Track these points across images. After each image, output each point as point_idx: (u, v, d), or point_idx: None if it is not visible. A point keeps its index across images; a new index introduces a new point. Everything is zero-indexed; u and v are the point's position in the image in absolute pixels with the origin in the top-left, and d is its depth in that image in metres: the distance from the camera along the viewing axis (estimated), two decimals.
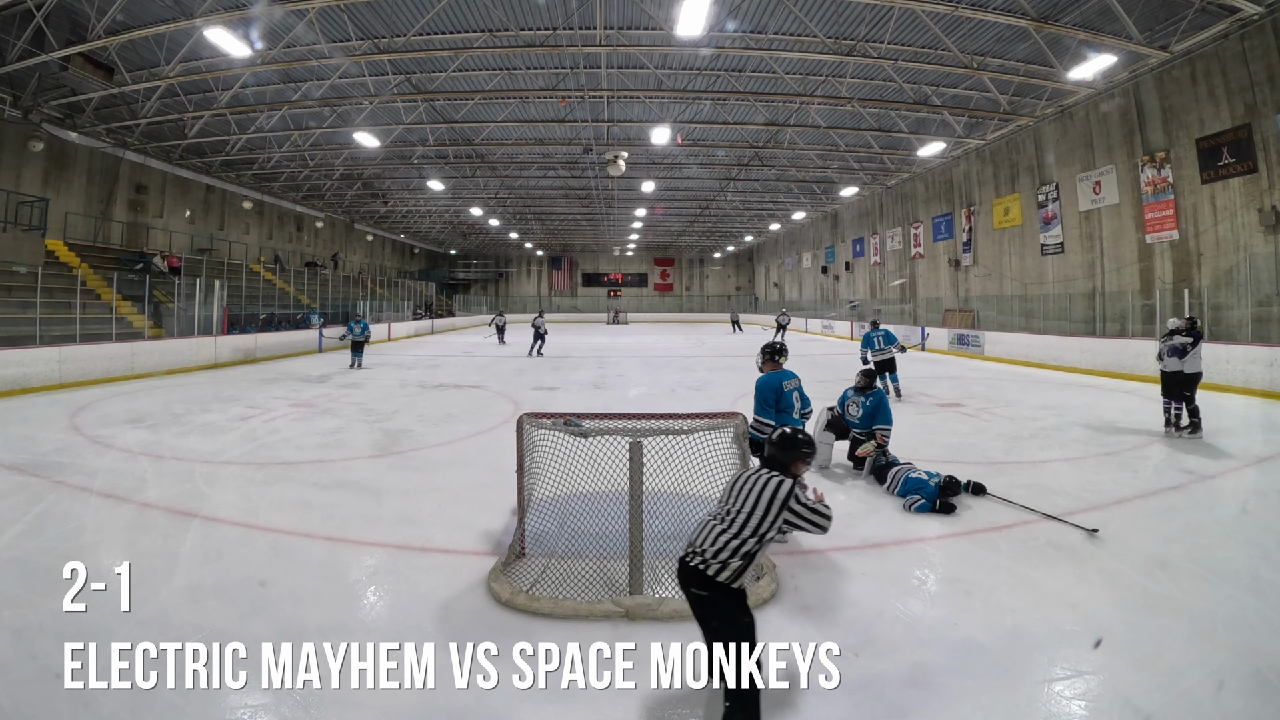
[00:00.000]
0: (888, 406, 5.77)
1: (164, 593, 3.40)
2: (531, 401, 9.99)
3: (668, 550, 3.67)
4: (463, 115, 18.03)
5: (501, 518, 4.55)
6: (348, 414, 8.87)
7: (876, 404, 5.73)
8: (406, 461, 6.32)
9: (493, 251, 49.06)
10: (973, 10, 11.18)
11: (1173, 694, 2.54)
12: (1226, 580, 3.49)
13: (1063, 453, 6.40)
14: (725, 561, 2.26)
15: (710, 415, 3.85)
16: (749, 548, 2.28)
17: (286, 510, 4.76)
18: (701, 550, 2.30)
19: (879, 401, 5.75)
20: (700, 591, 2.27)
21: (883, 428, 5.61)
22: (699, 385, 12.04)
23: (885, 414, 5.68)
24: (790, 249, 39.07)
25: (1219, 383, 10.35)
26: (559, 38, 13.02)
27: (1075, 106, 15.21)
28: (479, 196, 28.74)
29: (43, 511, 4.64)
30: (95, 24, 11.17)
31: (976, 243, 20.06)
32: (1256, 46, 10.95)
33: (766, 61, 14.34)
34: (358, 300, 28.03)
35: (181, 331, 15.54)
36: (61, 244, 16.68)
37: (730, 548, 2.27)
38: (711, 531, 2.34)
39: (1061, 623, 3.08)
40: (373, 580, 3.71)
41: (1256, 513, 4.75)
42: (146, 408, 9.15)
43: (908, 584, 3.62)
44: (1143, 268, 13.83)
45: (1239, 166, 11.48)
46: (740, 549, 2.27)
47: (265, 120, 17.51)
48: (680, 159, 22.58)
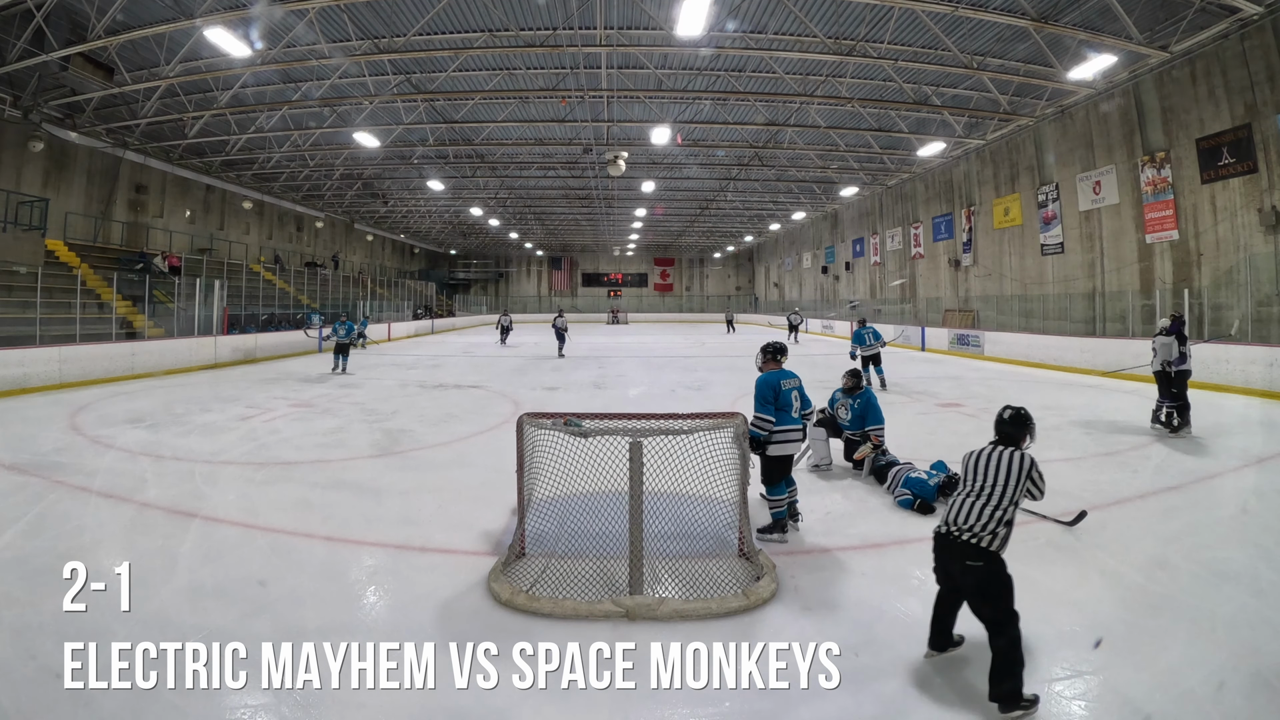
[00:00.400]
0: (877, 405, 5.79)
1: (164, 593, 3.40)
2: (531, 401, 9.99)
3: (668, 550, 3.68)
4: (463, 115, 18.04)
5: (501, 518, 4.55)
6: (348, 414, 8.87)
7: (865, 404, 5.76)
8: (406, 461, 6.32)
9: (493, 251, 49.07)
10: (973, 10, 11.18)
11: (1173, 694, 2.54)
12: (1226, 580, 3.49)
13: (1063, 453, 6.40)
14: (994, 532, 2.54)
15: (710, 415, 3.85)
16: (1009, 516, 2.57)
17: (286, 510, 4.76)
18: (970, 527, 2.56)
19: (867, 401, 5.78)
20: (976, 562, 2.53)
21: (875, 428, 5.63)
22: (699, 385, 12.04)
23: (876, 413, 5.71)
24: (790, 249, 39.07)
25: (1218, 383, 10.35)
26: (559, 38, 13.02)
27: (1075, 106, 15.21)
28: (479, 196, 28.74)
29: (43, 511, 4.64)
30: (95, 24, 11.16)
31: (976, 243, 20.06)
32: (1256, 46, 10.95)
33: (766, 61, 14.34)
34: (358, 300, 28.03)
35: (181, 331, 15.53)
36: (61, 244, 16.68)
37: (996, 519, 2.55)
38: (972, 509, 2.60)
39: (1061, 623, 3.08)
40: (373, 580, 3.71)
41: (1256, 513, 4.75)
42: (146, 408, 9.15)
43: (908, 584, 3.62)
44: (1143, 268, 13.83)
45: (1239, 166, 11.48)
46: (1003, 518, 2.56)
47: (265, 120, 17.51)
48: (680, 159, 22.58)
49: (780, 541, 4.16)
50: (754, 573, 3.56)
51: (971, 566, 2.55)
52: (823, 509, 4.81)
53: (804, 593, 3.43)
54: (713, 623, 3.12)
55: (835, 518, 4.65)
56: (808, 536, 4.27)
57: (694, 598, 3.29)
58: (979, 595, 2.56)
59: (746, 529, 3.77)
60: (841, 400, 5.91)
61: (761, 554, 3.74)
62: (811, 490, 5.22)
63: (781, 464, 4.24)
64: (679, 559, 3.67)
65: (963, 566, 2.58)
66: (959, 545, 2.58)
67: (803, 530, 4.36)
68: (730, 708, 2.52)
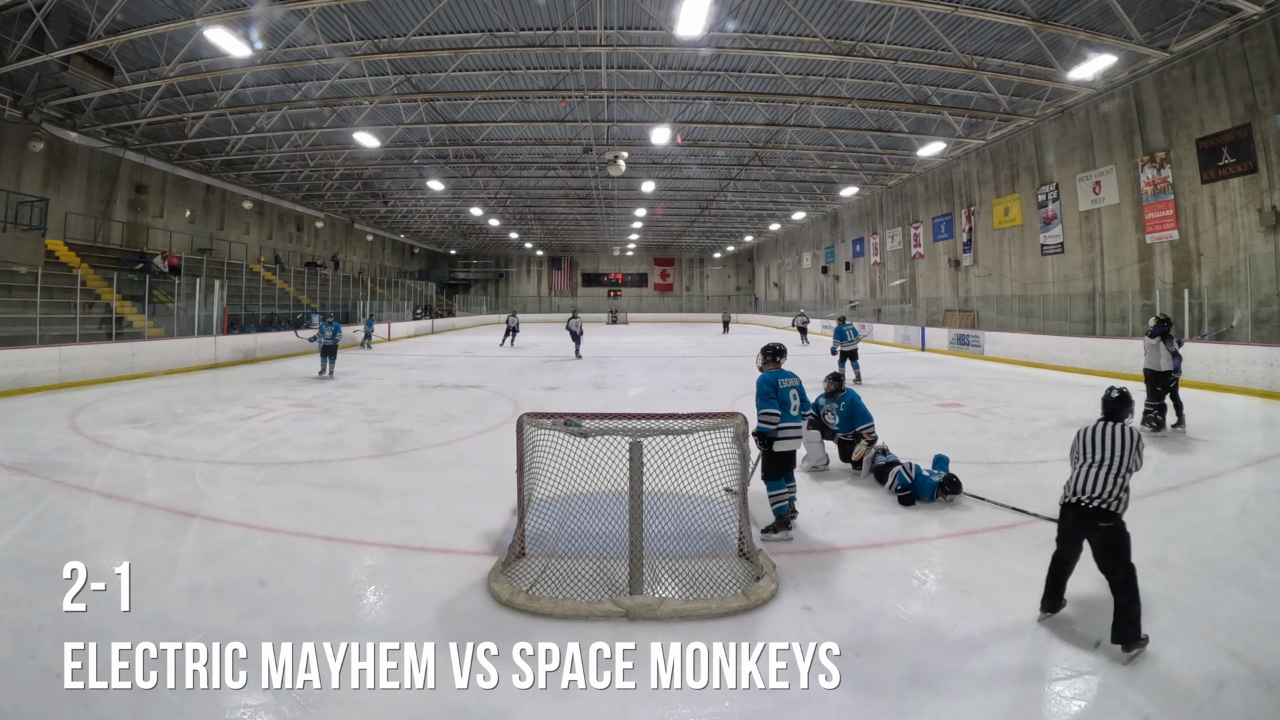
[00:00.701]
0: (862, 405, 5.82)
1: (164, 593, 3.40)
2: (531, 401, 9.99)
3: (668, 550, 3.68)
4: (463, 115, 18.04)
5: (501, 518, 4.55)
6: (348, 414, 8.87)
7: (850, 406, 5.79)
8: (406, 461, 6.32)
9: (493, 251, 49.07)
10: (973, 10, 11.18)
11: (1173, 694, 2.54)
12: (1226, 580, 3.49)
13: (1063, 453, 6.34)
14: (1119, 496, 2.92)
15: (710, 415, 3.85)
16: (1126, 481, 2.97)
17: (286, 510, 4.76)
18: (1101, 494, 2.92)
19: (851, 403, 5.80)
20: (1107, 524, 2.91)
21: (865, 426, 5.67)
22: (699, 385, 12.04)
23: (863, 413, 5.74)
24: (790, 249, 39.07)
25: (1219, 383, 10.35)
26: (559, 38, 13.02)
27: (1075, 106, 15.21)
28: (479, 196, 28.74)
29: (43, 511, 4.64)
30: (95, 24, 11.16)
31: (976, 243, 20.06)
32: (1256, 46, 10.95)
33: (766, 61, 14.34)
34: (358, 300, 28.04)
35: (181, 331, 15.53)
36: (61, 244, 16.68)
37: (1119, 484, 2.94)
38: (1098, 478, 2.96)
39: (1061, 623, 3.08)
40: (373, 580, 3.71)
41: (1256, 513, 4.75)
42: (146, 408, 9.14)
43: (908, 584, 3.62)
44: (1143, 268, 13.83)
45: (1239, 166, 11.47)
46: (1124, 484, 2.96)
47: (265, 120, 17.51)
48: (680, 159, 22.58)
49: (785, 540, 4.17)
50: (754, 573, 3.56)
51: (1104, 528, 2.91)
52: (823, 509, 4.81)
53: (804, 593, 3.43)
54: (713, 623, 3.12)
55: (835, 517, 4.65)
56: (808, 536, 4.27)
57: (694, 598, 3.28)
58: (1109, 552, 2.90)
59: (746, 529, 3.77)
60: (826, 405, 5.93)
61: (761, 554, 3.74)
62: (812, 490, 5.22)
63: (784, 460, 4.31)
64: (679, 559, 3.67)
65: (1095, 528, 2.93)
66: (1089, 511, 2.93)
67: (803, 530, 4.36)
68: (730, 708, 2.52)
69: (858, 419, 5.72)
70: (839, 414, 5.83)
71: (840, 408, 5.83)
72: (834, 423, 5.85)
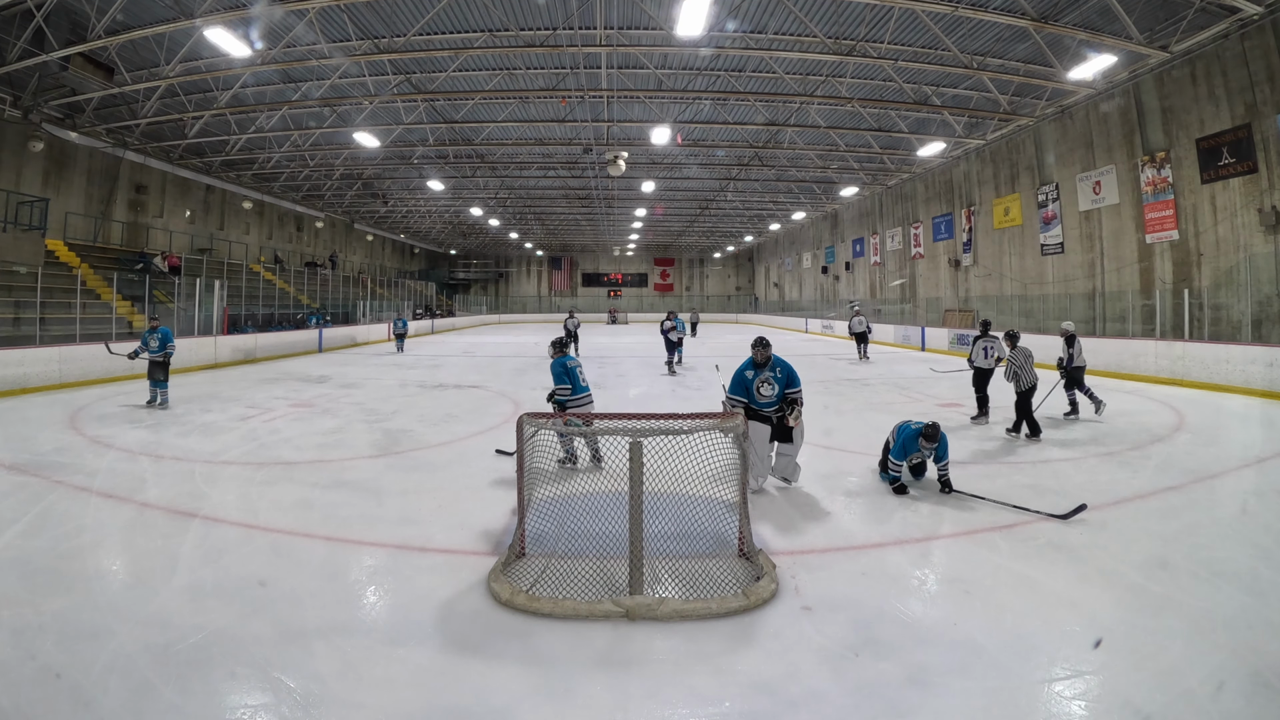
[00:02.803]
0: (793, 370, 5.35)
1: (164, 593, 3.39)
2: (531, 401, 9.98)
3: (668, 550, 3.68)
4: (463, 115, 18.04)
5: (501, 518, 4.55)
6: (348, 414, 8.87)
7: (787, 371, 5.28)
8: (406, 461, 6.32)
9: (493, 251, 49.08)
10: (973, 10, 11.18)
11: (1173, 694, 2.54)
12: (1226, 580, 3.49)
13: (1063, 452, 6.40)
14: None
15: (710, 415, 3.85)
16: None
17: (286, 510, 4.76)
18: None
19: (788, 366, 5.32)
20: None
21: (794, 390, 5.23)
22: (699, 385, 12.03)
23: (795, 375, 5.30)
24: (790, 249, 39.07)
25: (1219, 383, 10.36)
26: (559, 38, 13.02)
27: (1075, 106, 15.21)
28: (479, 196, 28.74)
29: (43, 511, 4.63)
30: (95, 24, 11.17)
31: (976, 243, 20.06)
32: (1256, 46, 10.95)
33: (766, 61, 14.34)
34: (358, 300, 28.05)
35: (181, 331, 15.50)
36: (61, 244, 16.68)
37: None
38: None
39: (1061, 623, 3.08)
40: (373, 580, 3.71)
41: (1256, 513, 4.74)
42: (146, 408, 9.14)
43: (908, 584, 3.62)
44: (1143, 268, 13.83)
45: (1239, 166, 11.47)
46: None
47: (265, 120, 17.50)
48: (680, 159, 22.58)
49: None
50: (754, 573, 3.56)
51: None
52: (823, 509, 4.81)
53: (804, 593, 3.42)
54: (713, 623, 3.11)
55: (836, 518, 4.65)
56: (808, 536, 4.27)
57: (694, 598, 3.28)
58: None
59: (746, 529, 3.77)
60: (763, 376, 5.23)
61: (761, 554, 3.74)
62: (813, 491, 5.22)
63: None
64: (679, 559, 3.67)
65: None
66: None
67: (803, 530, 4.36)
68: (730, 708, 2.51)
69: (793, 382, 5.25)
70: (778, 380, 5.23)
71: (778, 374, 5.24)
72: (772, 393, 5.21)
